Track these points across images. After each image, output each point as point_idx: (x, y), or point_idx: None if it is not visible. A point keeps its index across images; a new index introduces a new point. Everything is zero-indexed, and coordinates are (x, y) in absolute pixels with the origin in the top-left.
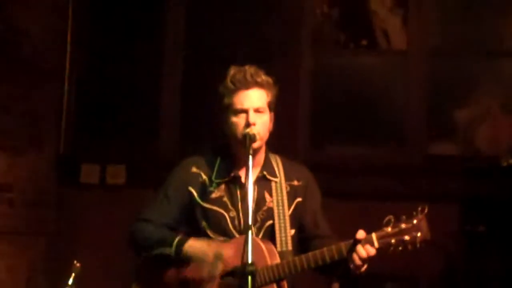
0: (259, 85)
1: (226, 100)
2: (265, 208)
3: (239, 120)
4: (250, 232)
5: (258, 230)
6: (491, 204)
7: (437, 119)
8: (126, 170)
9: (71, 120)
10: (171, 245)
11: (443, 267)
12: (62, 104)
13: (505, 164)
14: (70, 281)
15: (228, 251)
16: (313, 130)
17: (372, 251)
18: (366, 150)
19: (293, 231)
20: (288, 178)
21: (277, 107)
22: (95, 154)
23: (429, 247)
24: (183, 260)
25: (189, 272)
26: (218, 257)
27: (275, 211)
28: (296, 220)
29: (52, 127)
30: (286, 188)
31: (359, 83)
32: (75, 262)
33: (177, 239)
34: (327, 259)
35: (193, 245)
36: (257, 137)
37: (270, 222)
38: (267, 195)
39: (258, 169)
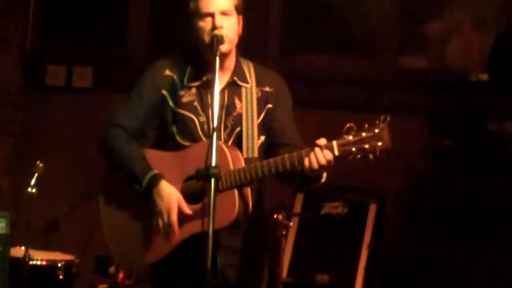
0: None
1: (192, 5)
2: (235, 113)
3: (205, 24)
4: (214, 135)
5: (228, 136)
6: (459, 119)
7: (409, 32)
8: (93, 73)
9: (38, 20)
10: (141, 182)
11: (408, 180)
12: (29, 4)
13: (474, 79)
14: (33, 181)
15: (192, 157)
16: (284, 38)
17: (331, 157)
18: (336, 60)
19: (262, 138)
20: (259, 84)
21: (247, 14)
22: (62, 55)
23: (395, 160)
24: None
25: None
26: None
27: (244, 117)
28: (266, 127)
29: (18, 28)
30: (257, 93)
31: None
32: (38, 162)
33: (147, 178)
34: (288, 165)
35: (160, 195)
36: (225, 39)
37: (239, 128)
38: (237, 101)
39: (228, 74)
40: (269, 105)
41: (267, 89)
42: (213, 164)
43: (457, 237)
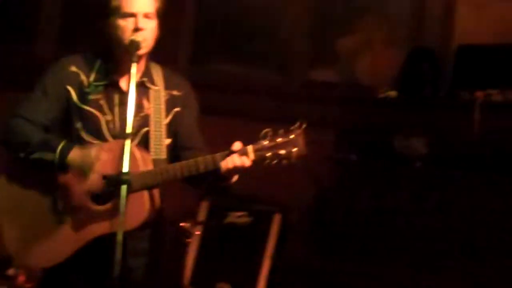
0: None
1: (114, 2)
2: (142, 114)
3: (126, 24)
4: (128, 140)
5: (134, 136)
6: (366, 134)
7: (320, 45)
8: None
9: None
10: (54, 151)
11: (314, 193)
12: None
13: (382, 95)
14: None
15: (104, 156)
16: (196, 46)
17: (247, 162)
18: (247, 71)
19: (168, 140)
20: (167, 87)
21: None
22: None
23: (300, 172)
24: (65, 167)
25: (67, 178)
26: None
27: (152, 118)
28: (173, 129)
29: None
30: (165, 96)
31: (245, 3)
32: None
33: (61, 146)
34: (201, 168)
35: (76, 155)
36: (143, 43)
37: (146, 129)
38: (145, 102)
39: (138, 76)
40: (177, 109)
41: (175, 93)
42: (125, 170)
43: (359, 251)
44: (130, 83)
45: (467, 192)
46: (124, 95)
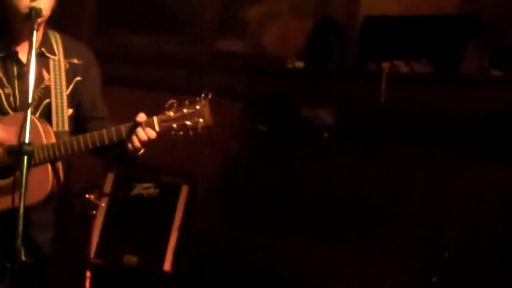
0: None
1: None
2: (42, 86)
3: None
4: (29, 110)
5: (35, 109)
6: (274, 105)
7: (227, 15)
8: None
9: None
10: None
11: (221, 163)
12: None
13: (290, 66)
14: None
15: (3, 129)
16: (100, 15)
17: (152, 134)
18: (153, 41)
19: (70, 111)
20: (67, 56)
21: None
22: None
23: (209, 143)
24: None
25: None
26: None
27: (52, 89)
28: (75, 99)
29: None
30: (65, 66)
31: None
32: None
33: None
34: (106, 141)
35: None
36: (44, 12)
37: (47, 100)
38: (45, 73)
39: (36, 45)
40: (78, 78)
41: (76, 61)
42: (27, 140)
43: (266, 223)
44: (29, 53)
45: (373, 161)
46: (23, 67)
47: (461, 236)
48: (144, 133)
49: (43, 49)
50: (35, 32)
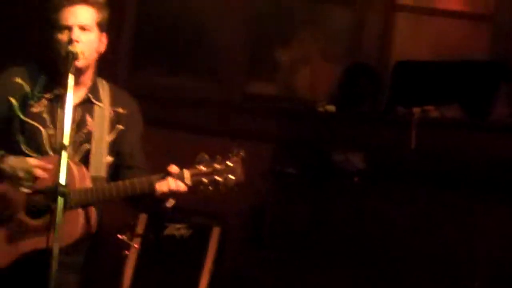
0: (86, 2)
1: (52, 16)
2: (85, 131)
3: (62, 37)
4: (64, 152)
5: (75, 152)
6: (304, 148)
7: (258, 58)
8: None
9: None
10: None
11: (251, 205)
12: None
13: (320, 109)
14: None
15: (41, 169)
16: (134, 57)
17: (183, 187)
18: (186, 82)
19: (109, 159)
20: (113, 104)
21: None
22: None
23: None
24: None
25: (2, 188)
26: (28, 178)
27: (94, 135)
28: (115, 147)
29: None
30: (110, 114)
31: (186, 15)
32: None
33: None
34: (137, 190)
35: (12, 161)
36: (80, 55)
37: (88, 146)
38: (88, 118)
39: (84, 91)
40: (121, 127)
41: (121, 110)
42: (63, 182)
43: (298, 264)
44: (65, 95)
45: (404, 206)
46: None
47: (489, 284)
48: (175, 186)
49: (90, 95)
50: (70, 75)
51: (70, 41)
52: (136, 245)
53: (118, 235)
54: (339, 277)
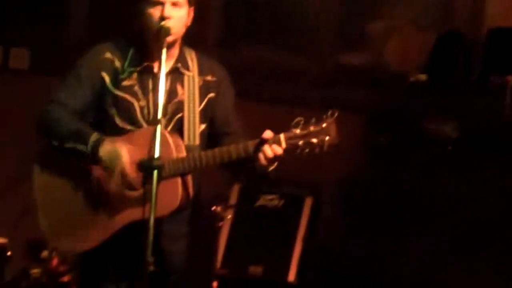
0: None
1: None
2: (176, 100)
3: (154, 12)
4: (159, 126)
5: (168, 122)
6: (396, 118)
7: (349, 29)
8: (31, 54)
9: None
10: (86, 143)
11: (343, 175)
12: None
13: (412, 79)
14: None
15: (136, 143)
16: (226, 29)
17: (279, 150)
18: (277, 55)
19: (203, 126)
20: (201, 73)
21: None
22: None
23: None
24: (96, 160)
25: (98, 170)
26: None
27: (186, 104)
28: (207, 115)
29: None
30: (199, 82)
31: None
32: None
33: (91, 140)
34: (234, 156)
35: (106, 152)
36: (172, 31)
37: (180, 115)
38: (179, 88)
39: (172, 62)
40: (211, 94)
41: (209, 78)
42: (156, 155)
43: (390, 233)
44: (159, 70)
45: (498, 175)
46: (158, 80)
47: None
48: (271, 150)
49: (178, 65)
50: (164, 50)
51: (162, 17)
52: (229, 216)
53: (212, 207)
54: (433, 247)
